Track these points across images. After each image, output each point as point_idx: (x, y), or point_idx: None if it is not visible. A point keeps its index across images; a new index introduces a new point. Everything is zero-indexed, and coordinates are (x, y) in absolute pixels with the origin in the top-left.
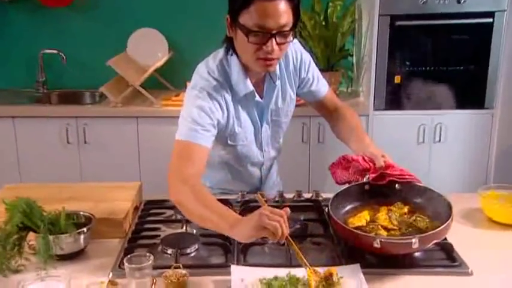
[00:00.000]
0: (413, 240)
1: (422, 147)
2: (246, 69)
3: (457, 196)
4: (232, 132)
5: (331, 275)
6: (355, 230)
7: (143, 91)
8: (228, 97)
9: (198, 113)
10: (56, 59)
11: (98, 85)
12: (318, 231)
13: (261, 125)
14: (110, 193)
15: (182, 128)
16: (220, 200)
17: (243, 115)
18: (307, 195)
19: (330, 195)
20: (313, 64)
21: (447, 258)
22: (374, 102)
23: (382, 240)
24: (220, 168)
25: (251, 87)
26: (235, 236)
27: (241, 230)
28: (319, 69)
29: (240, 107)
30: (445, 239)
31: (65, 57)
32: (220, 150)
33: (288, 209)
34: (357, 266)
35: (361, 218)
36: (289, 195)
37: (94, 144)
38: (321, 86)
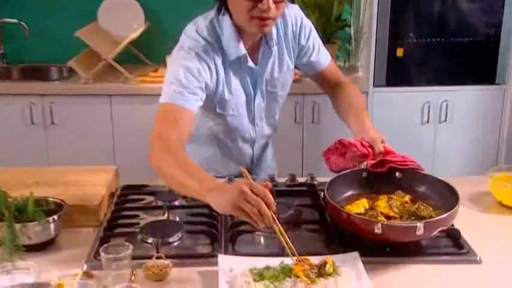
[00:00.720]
0: (418, 225)
1: (426, 128)
2: (239, 32)
3: (465, 179)
4: (221, 99)
5: (325, 264)
6: (353, 214)
7: (117, 66)
8: (218, 60)
9: (185, 75)
10: (17, 29)
11: (66, 59)
12: (313, 217)
13: (254, 95)
14: (82, 178)
15: (167, 90)
16: None
17: (235, 82)
18: (301, 180)
19: (326, 180)
20: (314, 32)
21: (454, 245)
22: (374, 78)
23: (384, 224)
24: (209, 143)
25: (243, 50)
26: (211, 203)
27: (217, 198)
28: None
29: (231, 72)
30: (452, 224)
31: (27, 28)
32: (209, 121)
33: (270, 184)
34: (356, 254)
35: (359, 205)
36: (281, 180)
37: (62, 125)
38: (321, 56)
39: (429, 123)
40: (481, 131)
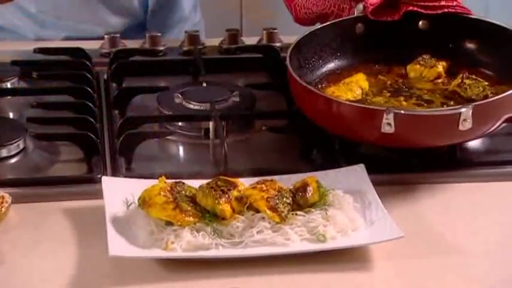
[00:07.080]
0: (463, 110)
1: None
2: None
3: None
4: None
5: (304, 187)
6: (340, 101)
7: None
8: None
9: None
10: None
11: None
12: (277, 106)
13: None
14: None
15: None
16: (64, 51)
17: None
18: (249, 40)
19: (293, 39)
20: None
21: None
22: None
23: (401, 113)
24: None
25: None
26: None
27: None
28: None
29: None
30: None
31: None
32: None
33: None
34: (360, 167)
35: (353, 87)
36: (212, 41)
37: None
38: None
39: None
40: None
